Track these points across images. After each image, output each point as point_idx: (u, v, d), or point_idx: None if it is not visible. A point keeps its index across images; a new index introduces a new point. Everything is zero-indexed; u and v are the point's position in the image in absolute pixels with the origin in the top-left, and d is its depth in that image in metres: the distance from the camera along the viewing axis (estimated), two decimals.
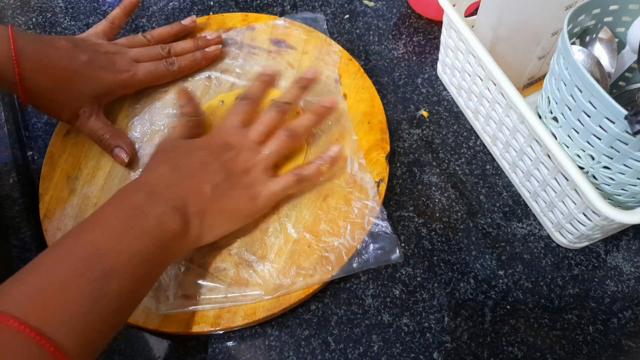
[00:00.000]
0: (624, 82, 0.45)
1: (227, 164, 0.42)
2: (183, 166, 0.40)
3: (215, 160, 0.42)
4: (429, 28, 0.59)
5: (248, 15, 0.57)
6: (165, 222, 0.36)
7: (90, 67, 0.46)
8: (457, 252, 0.45)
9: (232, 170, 0.42)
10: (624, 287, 0.43)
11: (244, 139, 0.44)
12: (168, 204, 0.37)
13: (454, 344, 0.40)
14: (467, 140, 0.51)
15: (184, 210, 0.38)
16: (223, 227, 0.41)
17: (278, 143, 0.44)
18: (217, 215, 0.40)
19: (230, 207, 0.41)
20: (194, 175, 0.40)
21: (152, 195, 0.37)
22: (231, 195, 0.41)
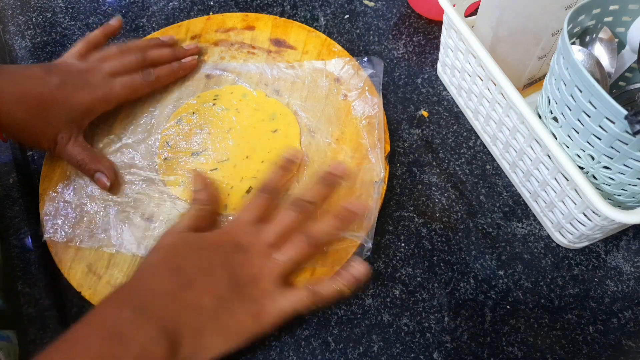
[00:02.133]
0: (624, 82, 0.45)
1: (235, 269, 0.37)
2: (183, 269, 0.36)
3: (221, 264, 0.37)
4: (429, 28, 0.59)
5: (248, 15, 0.57)
6: (150, 349, 0.32)
7: (64, 90, 0.44)
8: (457, 252, 0.45)
9: (239, 278, 0.37)
10: (624, 287, 0.43)
11: (257, 241, 0.39)
12: (157, 325, 0.33)
13: (454, 344, 0.40)
14: (467, 140, 0.51)
15: (174, 331, 0.33)
16: (219, 347, 0.35)
17: (295, 251, 0.39)
18: (214, 334, 0.35)
19: (231, 326, 0.36)
20: (193, 284, 0.36)
21: (138, 313, 0.33)
22: (233, 310, 0.36)
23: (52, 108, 0.44)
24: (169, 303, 0.34)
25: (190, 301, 0.35)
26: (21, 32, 0.61)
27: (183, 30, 0.57)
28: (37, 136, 0.44)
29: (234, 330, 0.36)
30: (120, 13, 0.62)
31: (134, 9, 0.62)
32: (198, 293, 0.35)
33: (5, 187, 0.49)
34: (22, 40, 0.60)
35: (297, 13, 0.61)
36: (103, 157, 0.47)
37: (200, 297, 0.35)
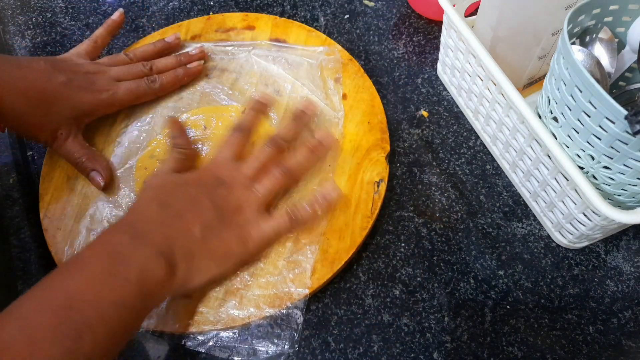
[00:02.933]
0: (624, 82, 0.45)
1: (219, 201, 0.40)
2: (172, 204, 0.39)
3: (206, 197, 0.40)
4: (429, 28, 0.59)
5: (248, 15, 0.57)
6: (150, 268, 0.34)
7: (68, 88, 0.45)
8: (457, 252, 0.45)
9: (223, 208, 0.40)
10: (624, 287, 0.43)
11: (237, 174, 0.42)
12: (153, 248, 0.35)
13: (454, 344, 0.40)
14: (467, 140, 0.51)
15: (170, 254, 0.36)
16: (212, 270, 0.39)
17: (272, 182, 0.42)
18: (205, 258, 0.38)
19: (220, 249, 0.39)
20: (183, 214, 0.39)
21: (136, 238, 0.36)
22: (221, 236, 0.39)
23: (55, 104, 0.44)
24: (163, 230, 0.37)
25: (181, 229, 0.38)
26: (21, 32, 0.61)
27: (183, 30, 0.57)
28: (36, 129, 0.44)
29: (223, 254, 0.39)
30: None
31: (134, 9, 0.62)
32: (188, 222, 0.38)
33: (5, 187, 0.49)
34: (22, 40, 0.60)
35: (297, 13, 0.61)
36: (100, 156, 0.47)
37: (190, 225, 0.38)
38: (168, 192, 0.40)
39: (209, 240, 0.38)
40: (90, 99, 0.46)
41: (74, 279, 0.33)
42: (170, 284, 0.36)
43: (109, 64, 0.49)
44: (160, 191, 0.40)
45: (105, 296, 0.32)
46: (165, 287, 0.35)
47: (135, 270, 0.34)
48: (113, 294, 0.32)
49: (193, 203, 0.39)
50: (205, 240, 0.38)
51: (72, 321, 0.30)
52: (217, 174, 0.42)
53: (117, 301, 0.32)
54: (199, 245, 0.38)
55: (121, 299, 0.33)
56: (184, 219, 0.38)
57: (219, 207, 0.40)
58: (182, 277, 0.36)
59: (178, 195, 0.40)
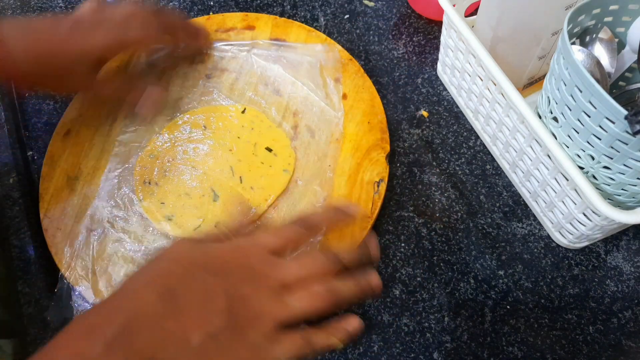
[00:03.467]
0: (624, 82, 0.45)
1: (236, 304, 0.31)
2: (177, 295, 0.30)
3: (222, 292, 0.31)
4: (429, 28, 0.59)
5: (248, 15, 0.57)
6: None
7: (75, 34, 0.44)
8: (457, 252, 0.45)
9: (238, 317, 0.30)
10: (624, 287, 0.43)
11: (272, 274, 0.33)
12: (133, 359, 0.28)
13: (454, 344, 0.40)
14: (467, 140, 0.51)
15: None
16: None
17: (311, 301, 0.32)
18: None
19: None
20: (185, 312, 0.30)
21: (114, 350, 0.27)
22: (223, 354, 0.30)
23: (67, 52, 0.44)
24: (150, 334, 0.29)
25: (174, 334, 0.29)
26: None
27: None
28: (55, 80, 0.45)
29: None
30: None
31: None
32: (187, 325, 0.29)
33: (5, 187, 0.49)
34: None
35: (297, 13, 0.61)
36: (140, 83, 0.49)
37: (188, 331, 0.29)
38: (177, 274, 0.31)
39: (207, 355, 0.29)
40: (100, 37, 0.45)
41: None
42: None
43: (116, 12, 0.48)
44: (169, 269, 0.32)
45: None
46: None
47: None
48: None
49: (203, 299, 0.31)
50: (202, 355, 0.29)
51: None
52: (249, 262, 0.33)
53: None
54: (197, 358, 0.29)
55: None
56: (184, 320, 0.30)
57: (233, 311, 0.31)
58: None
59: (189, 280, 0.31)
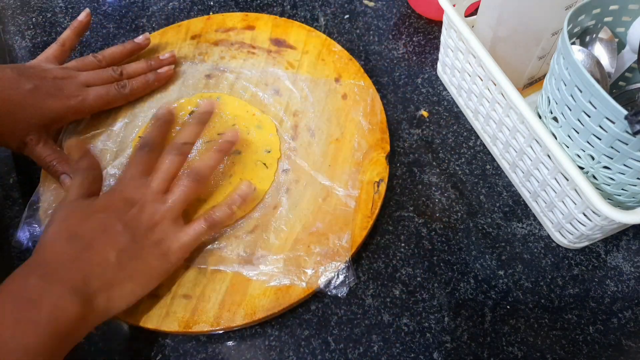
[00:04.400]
0: (624, 82, 0.45)
1: (131, 222, 0.39)
2: (81, 235, 0.37)
3: (117, 221, 0.38)
4: (429, 28, 0.59)
5: (248, 15, 0.57)
6: (62, 307, 0.33)
7: (36, 96, 0.44)
8: (457, 252, 0.45)
9: (137, 229, 0.39)
10: (624, 287, 0.43)
11: (147, 190, 0.41)
12: (65, 286, 0.34)
13: (454, 344, 0.40)
14: (467, 140, 0.51)
15: (84, 289, 0.34)
16: (135, 292, 0.38)
17: (183, 190, 0.41)
18: (126, 282, 0.37)
19: (140, 270, 0.38)
20: (94, 244, 0.37)
21: (46, 278, 0.34)
22: (140, 257, 0.38)
23: (22, 112, 0.44)
24: (74, 265, 0.35)
25: (95, 259, 0.36)
26: (21, 32, 0.61)
27: (183, 30, 0.57)
28: (5, 137, 0.44)
29: (145, 274, 0.38)
30: (120, 13, 0.62)
31: (134, 9, 0.62)
32: (100, 251, 0.37)
33: (5, 187, 0.49)
34: (22, 40, 0.60)
35: (297, 13, 0.61)
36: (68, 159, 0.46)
37: (103, 254, 0.37)
38: (76, 223, 0.38)
39: (127, 264, 0.37)
40: (59, 105, 0.45)
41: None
42: (88, 318, 0.34)
43: (78, 67, 0.49)
44: (68, 223, 0.38)
45: (15, 344, 0.31)
46: (83, 323, 0.34)
47: (46, 312, 0.32)
48: (23, 340, 0.31)
49: (104, 230, 0.38)
50: (123, 266, 0.37)
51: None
52: (126, 195, 0.41)
53: (28, 346, 0.31)
54: (117, 272, 0.37)
55: (33, 344, 0.31)
56: (96, 249, 0.37)
57: (132, 228, 0.39)
58: (102, 307, 0.35)
59: (87, 224, 0.38)
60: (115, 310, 0.37)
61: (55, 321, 0.32)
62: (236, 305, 0.40)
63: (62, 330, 0.33)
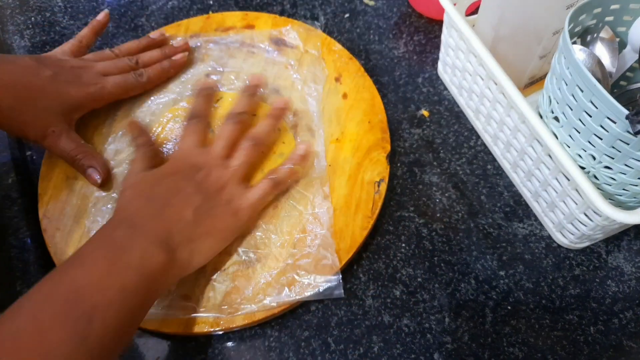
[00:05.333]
0: (625, 82, 0.44)
1: (201, 184, 0.41)
2: (157, 196, 0.39)
3: (188, 183, 0.41)
4: (430, 27, 0.59)
5: (248, 14, 0.57)
6: (150, 255, 0.35)
7: (55, 83, 0.44)
8: (457, 252, 0.44)
9: (208, 190, 0.41)
10: (625, 287, 0.43)
11: (209, 157, 0.43)
12: (151, 237, 0.36)
13: (454, 345, 0.40)
14: (468, 140, 0.51)
15: (168, 242, 0.37)
16: (213, 248, 0.40)
17: (245, 153, 0.44)
18: (204, 238, 0.39)
19: (216, 227, 0.40)
20: (171, 203, 0.39)
21: (133, 229, 0.36)
22: (214, 215, 0.40)
23: (43, 98, 0.44)
24: (156, 221, 0.38)
25: (174, 216, 0.38)
26: (20, 32, 0.60)
27: (182, 29, 0.56)
28: (25, 125, 0.44)
29: (219, 230, 0.40)
30: (119, 12, 0.62)
31: (133, 8, 0.62)
32: (177, 209, 0.39)
33: (4, 187, 0.48)
34: (21, 39, 0.60)
35: (297, 12, 0.61)
36: (96, 153, 0.47)
37: (181, 212, 0.39)
38: (149, 187, 0.40)
39: (203, 221, 0.39)
40: (78, 92, 0.46)
41: (77, 271, 0.33)
42: (174, 268, 0.37)
43: (95, 59, 0.49)
44: (141, 187, 0.40)
45: (110, 283, 0.33)
46: (169, 272, 0.36)
47: (136, 258, 0.35)
48: (118, 281, 0.33)
49: (177, 191, 0.40)
50: (199, 222, 0.39)
51: (80, 308, 0.31)
52: (190, 161, 0.43)
53: (122, 287, 0.33)
54: (195, 228, 0.39)
55: (126, 285, 0.33)
56: (174, 207, 0.39)
57: (203, 189, 0.41)
58: (185, 260, 0.38)
59: (160, 187, 0.40)
60: (196, 263, 0.39)
61: (145, 266, 0.35)
62: (236, 305, 0.40)
63: (151, 276, 0.35)
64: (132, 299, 0.33)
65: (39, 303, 0.31)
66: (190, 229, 0.38)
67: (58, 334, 0.30)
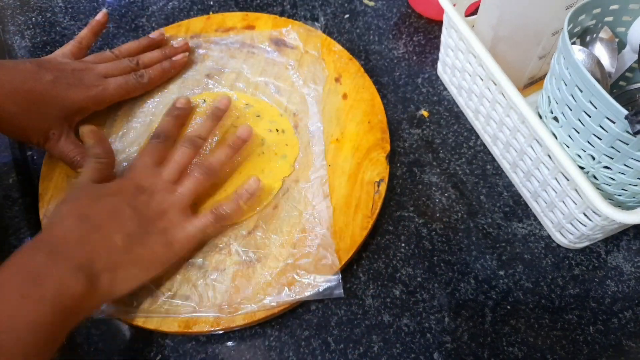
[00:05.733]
0: (624, 82, 0.45)
1: (140, 208, 0.40)
2: (91, 216, 0.38)
3: (127, 205, 0.39)
4: (429, 28, 0.59)
5: (248, 15, 0.57)
6: (67, 284, 0.33)
7: (57, 87, 0.44)
8: (457, 252, 0.44)
9: (145, 215, 0.40)
10: (625, 287, 0.43)
11: (158, 180, 0.42)
12: (71, 264, 0.34)
13: (454, 344, 0.40)
14: (468, 140, 0.51)
15: (90, 268, 0.35)
16: (138, 277, 0.38)
17: (193, 181, 0.42)
18: (131, 267, 0.38)
19: (144, 256, 0.38)
20: (103, 226, 0.38)
21: (52, 256, 0.34)
22: (145, 243, 0.39)
23: (45, 103, 0.44)
24: (82, 245, 0.36)
25: (102, 241, 0.37)
26: (21, 32, 0.61)
27: (183, 29, 0.57)
28: (28, 131, 0.44)
29: (149, 260, 0.39)
30: (119, 13, 0.62)
31: (134, 9, 0.62)
32: (108, 233, 0.37)
33: (5, 187, 0.49)
34: (21, 40, 0.60)
35: (297, 12, 0.61)
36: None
37: (110, 237, 0.37)
38: (87, 204, 0.39)
39: (133, 249, 0.38)
40: (80, 95, 0.46)
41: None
42: (93, 297, 0.35)
43: (95, 61, 0.49)
44: (79, 204, 0.39)
45: (20, 318, 0.31)
46: (87, 301, 0.34)
47: (51, 288, 0.33)
48: (28, 315, 0.31)
49: (114, 213, 0.39)
50: (128, 250, 0.38)
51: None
52: (138, 181, 0.42)
53: (33, 322, 0.31)
54: (122, 255, 0.37)
55: (37, 319, 0.31)
56: (105, 231, 0.37)
57: (140, 214, 0.39)
58: (106, 288, 0.36)
59: (97, 206, 0.39)
60: (118, 292, 0.37)
61: (59, 297, 0.33)
62: (236, 305, 0.40)
63: (67, 307, 0.33)
64: (42, 334, 0.32)
65: None
66: (117, 255, 0.37)
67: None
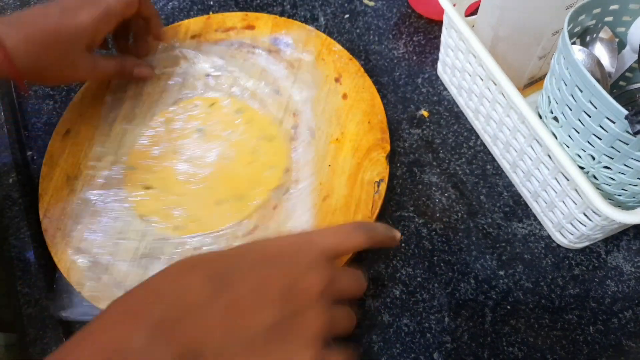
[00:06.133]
0: (624, 82, 0.45)
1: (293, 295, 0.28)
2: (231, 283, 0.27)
3: (276, 283, 0.28)
4: (429, 28, 0.59)
5: (248, 15, 0.57)
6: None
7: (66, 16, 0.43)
8: (457, 252, 0.44)
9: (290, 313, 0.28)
10: (625, 287, 0.43)
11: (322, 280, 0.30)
12: (176, 349, 0.25)
13: (454, 344, 0.40)
14: (468, 140, 0.51)
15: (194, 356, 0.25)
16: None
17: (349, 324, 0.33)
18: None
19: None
20: (236, 300, 0.27)
21: (158, 338, 0.24)
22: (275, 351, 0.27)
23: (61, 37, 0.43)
24: (196, 320, 0.25)
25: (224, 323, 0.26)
26: None
27: (183, 29, 0.57)
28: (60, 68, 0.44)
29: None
30: None
31: None
32: (238, 314, 0.27)
33: (5, 187, 0.49)
34: None
35: (297, 12, 0.61)
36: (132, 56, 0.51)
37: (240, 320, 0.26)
38: (228, 262, 0.28)
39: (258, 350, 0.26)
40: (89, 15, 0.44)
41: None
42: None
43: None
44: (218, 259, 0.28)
45: None
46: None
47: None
48: None
49: (258, 286, 0.27)
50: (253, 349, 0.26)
51: None
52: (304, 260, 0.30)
53: None
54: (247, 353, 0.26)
55: None
56: (236, 308, 0.26)
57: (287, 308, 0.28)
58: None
59: (241, 267, 0.28)
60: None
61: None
62: None
63: None
64: None
65: None
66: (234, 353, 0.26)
67: None
